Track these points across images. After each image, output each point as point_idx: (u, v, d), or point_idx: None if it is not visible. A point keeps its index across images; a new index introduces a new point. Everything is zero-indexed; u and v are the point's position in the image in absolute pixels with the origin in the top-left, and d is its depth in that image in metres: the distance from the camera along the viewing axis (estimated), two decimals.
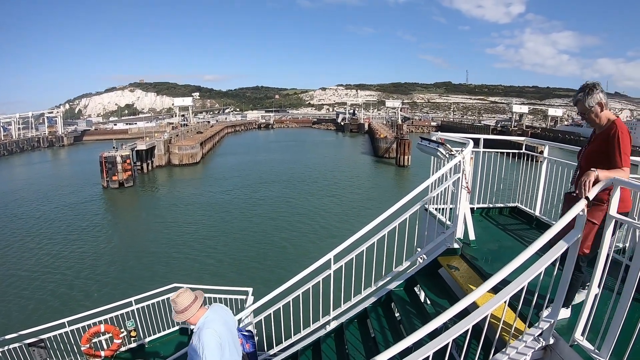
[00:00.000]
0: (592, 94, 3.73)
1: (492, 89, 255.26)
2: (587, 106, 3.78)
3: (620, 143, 3.54)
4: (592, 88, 3.75)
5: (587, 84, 3.81)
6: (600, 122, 3.81)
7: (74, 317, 9.62)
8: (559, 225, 3.12)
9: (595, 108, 3.75)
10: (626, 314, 2.91)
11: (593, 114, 3.80)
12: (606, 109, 3.77)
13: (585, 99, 3.78)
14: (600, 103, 3.73)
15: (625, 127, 3.67)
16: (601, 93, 3.72)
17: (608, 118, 3.78)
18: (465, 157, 5.65)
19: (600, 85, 3.76)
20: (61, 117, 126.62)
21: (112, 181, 50.12)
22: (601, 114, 3.77)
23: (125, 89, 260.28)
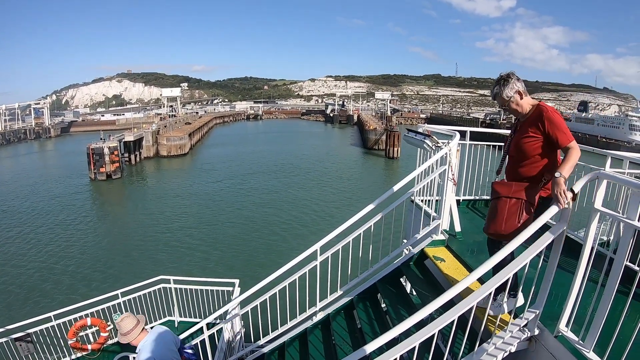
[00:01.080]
0: (508, 84, 3.72)
1: (481, 82, 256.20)
2: (506, 97, 3.76)
3: (556, 122, 3.55)
4: (506, 78, 3.74)
5: (501, 75, 3.81)
6: (523, 110, 3.80)
7: (60, 310, 9.54)
8: (544, 218, 3.14)
9: (515, 97, 3.74)
10: (610, 306, 2.93)
11: (514, 104, 3.78)
12: (526, 96, 3.76)
13: (502, 91, 3.76)
14: (519, 91, 3.72)
15: (551, 107, 3.69)
16: (517, 81, 3.72)
17: (531, 104, 3.79)
18: (451, 149, 5.67)
19: (514, 74, 3.76)
20: (48, 108, 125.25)
21: (100, 173, 49.57)
22: (522, 102, 3.76)
23: (112, 80, 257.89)
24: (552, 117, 3.56)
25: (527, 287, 3.43)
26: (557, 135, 3.54)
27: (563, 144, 3.53)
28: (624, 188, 4.80)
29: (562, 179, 3.21)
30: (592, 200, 3.13)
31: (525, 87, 3.74)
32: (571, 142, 3.51)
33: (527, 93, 3.77)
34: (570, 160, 3.42)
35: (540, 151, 3.70)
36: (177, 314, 10.63)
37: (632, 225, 2.86)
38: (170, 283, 10.17)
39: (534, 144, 3.69)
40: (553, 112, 3.61)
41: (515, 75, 3.75)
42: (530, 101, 3.78)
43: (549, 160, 3.71)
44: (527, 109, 3.78)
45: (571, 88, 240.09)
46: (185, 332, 6.48)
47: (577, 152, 3.47)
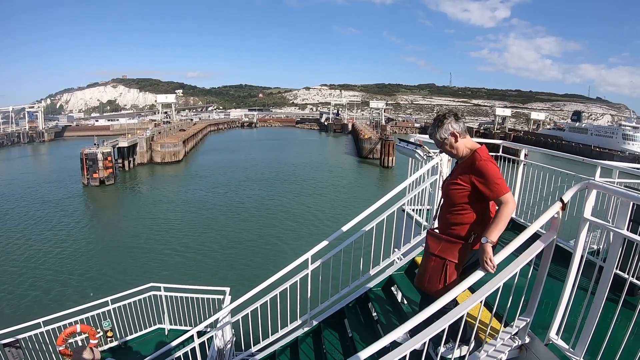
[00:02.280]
0: (442, 126, 3.60)
1: (475, 92, 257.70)
2: (440, 138, 3.64)
3: (487, 173, 3.36)
4: (441, 120, 3.63)
5: (437, 116, 3.71)
6: (458, 152, 3.65)
7: (50, 317, 9.46)
8: (535, 227, 3.15)
9: (449, 139, 3.60)
10: (600, 314, 2.95)
11: (448, 146, 3.64)
12: (463, 138, 3.61)
13: (436, 132, 3.65)
14: (453, 133, 3.57)
15: (487, 154, 3.51)
16: (453, 123, 3.57)
17: (468, 148, 3.63)
18: (442, 159, 5.71)
19: (452, 115, 3.64)
20: (42, 112, 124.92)
21: (93, 179, 49.40)
22: (457, 144, 3.61)
23: (107, 85, 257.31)
24: (483, 168, 3.38)
25: (517, 295, 3.43)
26: (488, 188, 3.36)
27: (494, 196, 3.36)
28: (613, 197, 4.83)
29: (489, 245, 3.14)
30: (582, 209, 3.14)
31: (464, 129, 3.62)
32: (504, 196, 3.32)
33: (467, 134, 3.64)
34: (501, 218, 3.27)
35: (467, 200, 3.54)
36: (168, 321, 10.57)
37: (621, 234, 2.87)
38: (161, 290, 10.12)
39: (462, 192, 3.54)
40: (486, 161, 3.42)
41: (453, 117, 3.62)
42: (468, 144, 3.63)
43: (478, 211, 3.55)
44: (463, 152, 3.63)
45: (564, 98, 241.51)
46: (176, 340, 6.41)
47: (509, 208, 3.30)
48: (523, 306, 3.49)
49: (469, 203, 3.53)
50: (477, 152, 3.52)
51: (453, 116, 3.62)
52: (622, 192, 2.91)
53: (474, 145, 3.62)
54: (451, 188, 3.61)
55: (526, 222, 7.04)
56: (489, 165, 3.39)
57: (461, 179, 3.54)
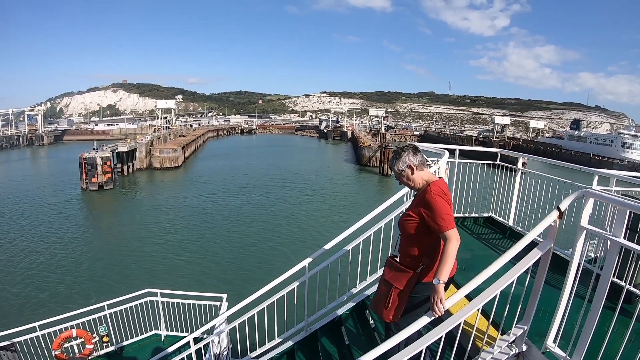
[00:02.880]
0: (399, 158, 3.66)
1: (474, 100, 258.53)
2: (397, 170, 3.69)
3: (435, 207, 3.40)
4: (399, 152, 3.70)
5: (397, 147, 3.82)
6: (415, 184, 3.70)
7: (45, 321, 9.44)
8: (532, 235, 3.15)
9: (406, 171, 3.65)
10: (597, 322, 2.95)
11: (404, 178, 3.70)
12: (420, 170, 3.66)
13: (394, 164, 3.71)
14: (410, 166, 3.63)
15: (440, 188, 3.53)
16: (410, 156, 3.64)
17: (425, 180, 3.68)
18: (440, 167, 5.73)
19: (410, 148, 3.72)
20: (42, 116, 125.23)
21: (92, 183, 49.26)
22: (413, 177, 3.66)
23: (107, 89, 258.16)
24: (432, 202, 3.43)
25: (514, 303, 3.43)
26: (435, 222, 3.39)
27: (440, 231, 3.37)
28: (610, 205, 4.84)
29: (440, 286, 3.15)
30: (579, 218, 3.15)
31: (421, 161, 3.67)
32: (448, 232, 3.33)
33: (424, 167, 3.69)
34: (447, 256, 3.27)
35: (417, 232, 3.58)
36: (164, 327, 10.53)
37: (617, 242, 2.88)
38: (158, 296, 10.09)
39: (412, 224, 3.60)
40: (436, 195, 3.46)
41: (412, 149, 3.69)
42: (425, 176, 3.68)
43: (428, 243, 3.58)
44: (419, 184, 3.69)
45: (563, 106, 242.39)
46: (172, 346, 6.40)
47: (453, 245, 3.29)
48: (520, 314, 3.50)
49: (419, 234, 3.58)
50: (430, 185, 3.58)
51: (411, 149, 3.69)
52: (619, 201, 2.92)
53: (430, 178, 3.68)
54: (404, 219, 3.69)
55: (523, 230, 7.08)
56: (438, 199, 3.43)
57: (413, 211, 3.63)
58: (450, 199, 3.56)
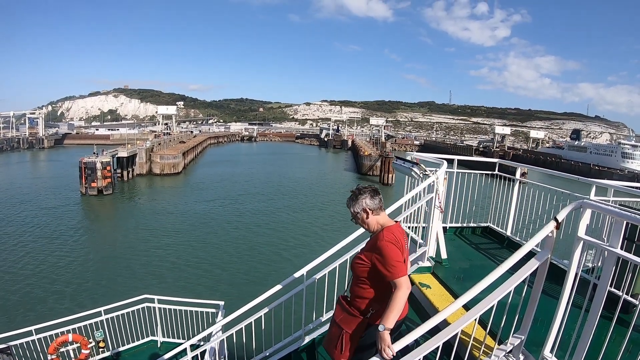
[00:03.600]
0: (356, 200, 3.69)
1: (474, 110, 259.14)
2: (353, 212, 3.74)
3: (386, 254, 3.39)
4: (357, 194, 3.71)
5: (354, 189, 3.80)
6: (369, 228, 3.73)
7: (42, 325, 9.42)
8: (529, 245, 3.15)
9: (361, 214, 3.69)
10: (594, 331, 2.96)
11: (360, 220, 3.74)
12: (376, 214, 3.68)
13: (351, 205, 3.75)
14: (365, 209, 3.66)
15: (393, 235, 3.51)
16: (367, 199, 3.65)
17: (379, 224, 3.69)
18: (438, 177, 5.76)
19: (369, 191, 3.71)
20: (43, 119, 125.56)
21: (91, 188, 49.18)
22: (368, 220, 3.68)
23: (109, 94, 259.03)
24: (384, 249, 3.41)
25: (511, 313, 3.42)
26: (385, 268, 3.38)
27: (390, 278, 3.37)
28: (607, 216, 4.84)
29: (386, 333, 3.16)
30: (576, 228, 3.15)
31: (378, 205, 3.68)
32: (398, 279, 3.33)
33: (381, 210, 3.71)
34: (395, 303, 3.28)
35: (368, 276, 3.58)
36: (161, 334, 10.49)
37: (614, 252, 2.90)
38: (155, 302, 10.06)
39: (363, 268, 3.60)
40: (387, 242, 3.44)
41: (369, 192, 3.70)
42: (381, 220, 3.69)
43: (378, 288, 3.56)
44: (374, 227, 3.70)
45: (563, 116, 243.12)
46: (169, 353, 6.39)
47: (402, 292, 3.31)
48: (517, 324, 3.50)
49: (369, 279, 3.58)
50: (383, 231, 3.58)
51: (369, 192, 3.70)
52: (616, 211, 2.93)
53: (385, 222, 3.68)
54: (356, 262, 3.69)
55: (521, 240, 7.09)
56: (390, 246, 3.41)
57: (365, 255, 3.62)
58: (404, 245, 3.54)
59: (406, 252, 3.64)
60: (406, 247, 3.65)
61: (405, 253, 3.54)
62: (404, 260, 3.46)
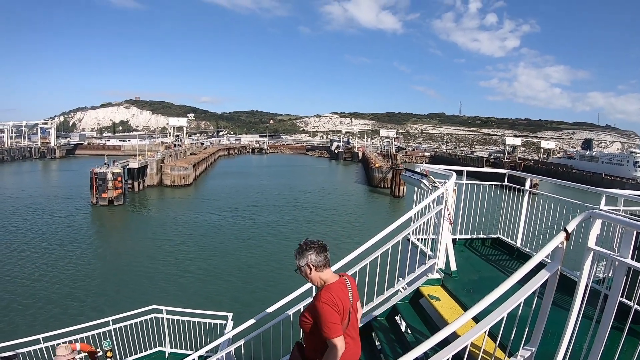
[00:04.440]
0: (302, 254, 3.68)
1: (485, 121, 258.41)
2: (298, 265, 3.73)
3: (322, 314, 3.44)
4: (303, 248, 3.71)
5: (302, 243, 3.78)
6: (313, 283, 3.76)
7: (50, 333, 9.45)
8: (539, 257, 3.11)
9: (304, 268, 3.68)
10: (605, 343, 2.93)
11: (303, 274, 3.74)
12: (319, 271, 3.67)
13: (297, 258, 3.74)
14: (309, 264, 3.64)
15: (330, 296, 3.53)
16: (312, 255, 3.64)
17: (322, 280, 3.71)
18: (447, 189, 5.73)
19: (315, 247, 3.70)
20: (55, 129, 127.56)
21: (102, 198, 49.59)
22: (311, 276, 3.69)
23: (120, 106, 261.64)
24: (320, 310, 3.47)
25: (522, 325, 3.38)
26: (322, 328, 3.44)
27: (325, 337, 3.44)
28: (618, 226, 4.78)
29: None
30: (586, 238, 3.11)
31: (322, 262, 3.67)
32: (331, 340, 3.40)
33: (326, 267, 3.70)
34: None
35: (312, 332, 3.65)
36: (168, 344, 10.47)
37: (625, 263, 2.87)
38: (163, 313, 10.06)
39: (307, 325, 3.67)
40: (324, 304, 3.48)
41: (317, 249, 3.69)
42: (324, 277, 3.70)
43: (323, 343, 3.57)
44: (317, 283, 3.73)
45: (574, 126, 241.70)
46: None
47: (335, 353, 3.38)
48: (528, 336, 3.46)
49: (313, 334, 3.63)
50: (322, 291, 3.62)
51: (316, 248, 3.68)
52: (626, 221, 2.90)
53: (328, 280, 3.69)
54: (301, 318, 3.77)
55: (531, 251, 7.02)
56: (325, 308, 3.45)
57: (307, 312, 3.71)
58: (340, 306, 3.54)
59: (352, 308, 3.71)
60: (350, 302, 3.70)
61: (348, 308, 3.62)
62: (343, 317, 3.54)
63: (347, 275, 3.93)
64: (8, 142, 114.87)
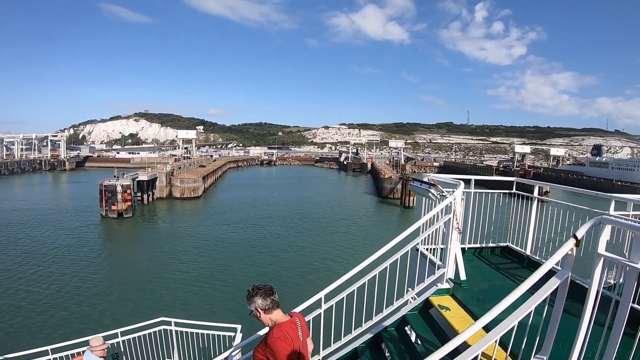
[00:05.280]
0: (251, 299, 3.90)
1: (493, 130, 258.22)
2: (250, 309, 3.92)
3: (276, 351, 3.67)
4: (251, 294, 3.91)
5: (250, 289, 3.99)
6: (264, 323, 3.93)
7: (58, 345, 9.45)
8: (549, 264, 3.07)
9: (255, 312, 3.89)
10: (617, 349, 2.90)
11: (255, 317, 3.93)
12: (268, 313, 3.86)
13: (247, 302, 3.95)
14: (257, 309, 3.85)
15: (282, 332, 3.75)
16: (259, 300, 3.84)
17: (272, 321, 3.90)
18: (456, 198, 5.71)
19: (261, 292, 3.89)
20: (65, 142, 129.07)
21: (111, 210, 49.85)
22: (261, 318, 3.88)
23: (130, 118, 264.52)
24: (272, 345, 3.69)
25: (532, 333, 3.33)
26: None
27: None
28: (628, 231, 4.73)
29: None
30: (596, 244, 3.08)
31: (269, 305, 3.86)
32: None
33: (274, 309, 3.89)
34: None
35: None
36: (177, 356, 10.44)
37: (635, 268, 2.85)
38: (172, 325, 10.04)
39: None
40: (276, 339, 3.70)
41: (263, 293, 3.89)
42: (274, 317, 3.89)
43: None
44: (268, 324, 3.92)
45: (583, 132, 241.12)
46: None
47: None
48: (539, 344, 3.40)
49: None
50: (274, 328, 3.84)
51: (263, 293, 3.90)
52: (636, 226, 2.87)
53: (278, 320, 3.90)
54: (254, 353, 3.96)
55: (541, 259, 6.96)
56: (279, 343, 3.69)
57: (260, 349, 3.90)
58: (295, 339, 3.81)
59: (302, 345, 3.91)
60: (300, 339, 3.90)
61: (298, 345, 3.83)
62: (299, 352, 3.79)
63: (297, 314, 4.15)
64: (18, 155, 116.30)
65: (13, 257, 32.38)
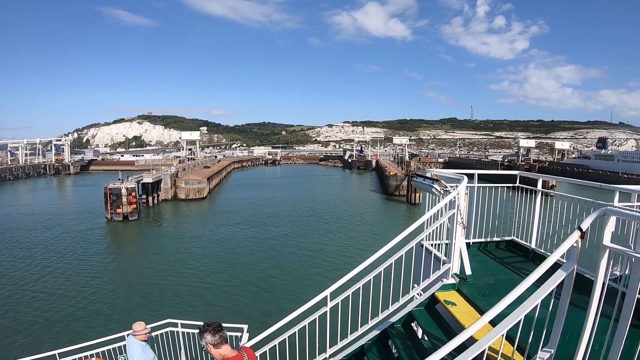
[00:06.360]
0: (201, 336, 4.18)
1: (497, 124, 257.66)
2: (202, 344, 4.19)
3: None
4: (203, 330, 4.18)
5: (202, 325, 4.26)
6: (216, 357, 4.18)
7: (66, 349, 9.45)
8: (554, 257, 3.07)
9: (206, 347, 4.15)
10: (624, 341, 2.88)
11: (209, 352, 4.18)
12: (218, 348, 4.13)
13: (198, 338, 4.27)
14: (207, 344, 4.13)
15: None
16: (209, 336, 4.11)
17: (222, 355, 4.17)
18: (459, 193, 5.70)
19: (211, 328, 4.16)
20: (69, 146, 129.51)
21: (116, 214, 49.83)
22: (212, 352, 4.16)
23: (133, 121, 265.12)
24: None
25: (539, 327, 3.32)
26: None
27: None
28: (633, 222, 4.70)
29: None
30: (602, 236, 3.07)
31: (218, 341, 4.12)
32: None
33: (223, 344, 4.17)
34: None
35: None
36: (184, 358, 10.44)
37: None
38: (178, 327, 10.04)
39: None
40: None
41: (213, 329, 4.15)
42: (222, 352, 4.16)
43: None
44: (219, 359, 4.17)
45: (587, 125, 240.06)
46: None
47: None
48: (546, 338, 3.39)
49: None
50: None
51: (212, 329, 4.17)
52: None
53: (227, 354, 4.19)
54: None
55: (546, 252, 6.94)
56: None
57: None
58: None
59: None
60: None
61: None
62: None
63: (245, 349, 4.52)
64: (22, 160, 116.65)
65: (18, 261, 32.49)
